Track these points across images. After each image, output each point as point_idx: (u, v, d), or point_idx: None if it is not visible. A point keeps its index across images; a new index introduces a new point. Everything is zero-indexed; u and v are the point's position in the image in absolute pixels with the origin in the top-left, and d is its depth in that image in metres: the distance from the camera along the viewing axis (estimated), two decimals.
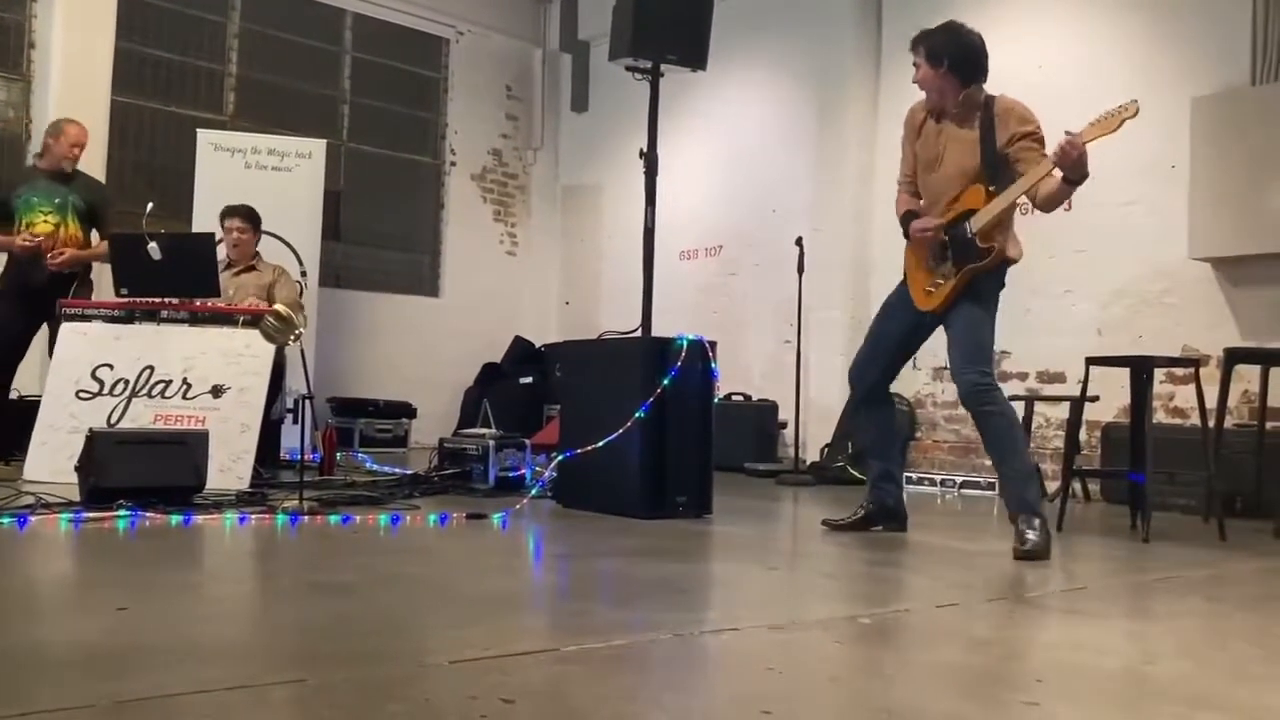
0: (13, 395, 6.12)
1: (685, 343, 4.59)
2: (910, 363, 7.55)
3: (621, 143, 9.21)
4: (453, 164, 10.38)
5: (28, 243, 5.73)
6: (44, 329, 5.94)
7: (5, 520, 3.66)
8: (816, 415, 7.70)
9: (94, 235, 6.02)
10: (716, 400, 4.79)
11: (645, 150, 5.18)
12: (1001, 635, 2.52)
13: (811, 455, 7.60)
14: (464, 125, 10.43)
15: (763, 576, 3.34)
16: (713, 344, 4.77)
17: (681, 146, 8.73)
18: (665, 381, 4.49)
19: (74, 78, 7.95)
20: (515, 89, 10.79)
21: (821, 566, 3.64)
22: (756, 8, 8.74)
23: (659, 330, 5.22)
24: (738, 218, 8.75)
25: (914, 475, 6.87)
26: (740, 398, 8.01)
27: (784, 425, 7.87)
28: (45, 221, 5.83)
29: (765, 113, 8.83)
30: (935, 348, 7.39)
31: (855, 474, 6.94)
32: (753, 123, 8.90)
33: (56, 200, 5.86)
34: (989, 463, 7.00)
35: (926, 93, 4.17)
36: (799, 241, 7.19)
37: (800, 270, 7.15)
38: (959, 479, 6.58)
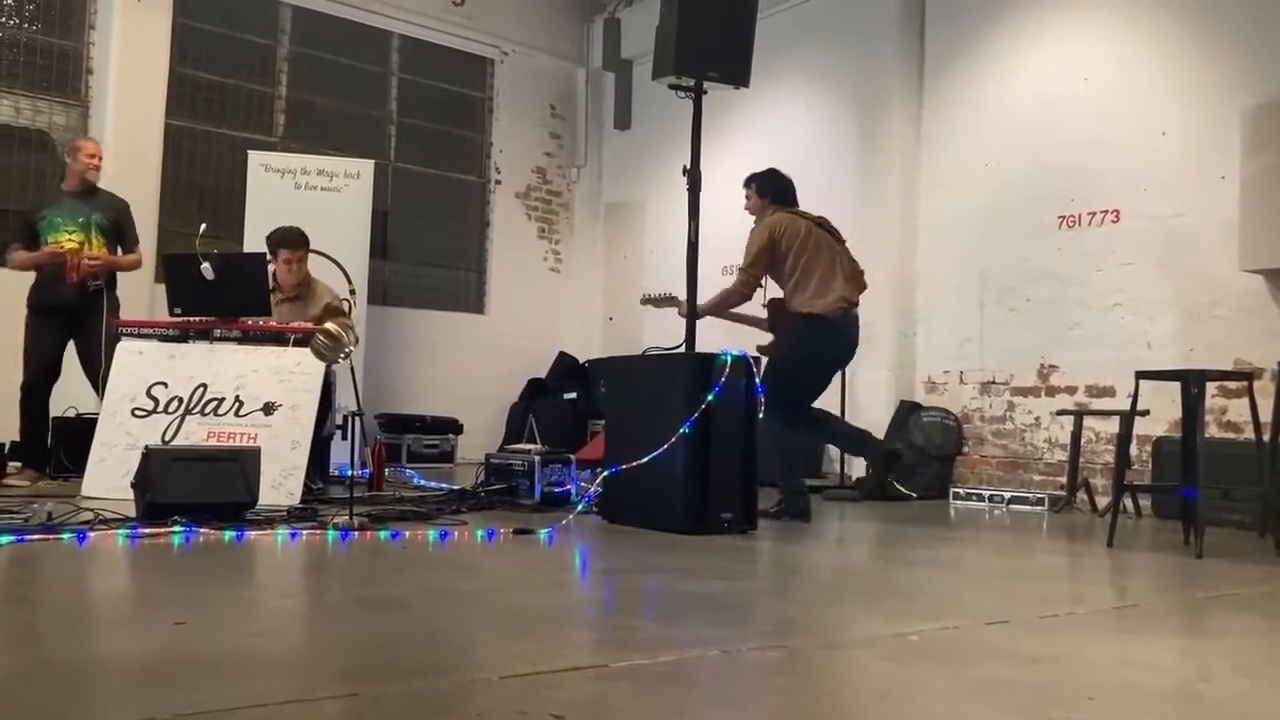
0: (70, 414, 6.26)
1: (729, 358, 4.60)
2: (958, 376, 7.56)
3: (664, 159, 9.25)
4: (498, 182, 10.48)
5: (55, 252, 5.82)
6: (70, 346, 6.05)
7: (66, 536, 3.75)
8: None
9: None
10: (761, 415, 4.79)
11: (688, 166, 5.20)
12: (1052, 652, 2.50)
13: (858, 471, 7.56)
14: (509, 144, 10.53)
15: (810, 592, 3.33)
16: (756, 359, 4.77)
17: (724, 162, 8.73)
18: (709, 397, 4.49)
19: (129, 102, 8.14)
20: (559, 108, 10.88)
21: (869, 583, 3.63)
22: (798, 23, 8.75)
23: (702, 346, 5.23)
24: None
25: (961, 490, 6.82)
26: None
27: None
28: (70, 240, 5.92)
29: (807, 127, 8.83)
30: (983, 362, 7.41)
31: (901, 489, 6.89)
32: (795, 137, 8.90)
33: (80, 219, 5.96)
34: (1039, 478, 6.96)
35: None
36: None
37: None
38: (1007, 494, 6.51)
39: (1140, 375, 4.69)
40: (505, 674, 2.07)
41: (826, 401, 7.54)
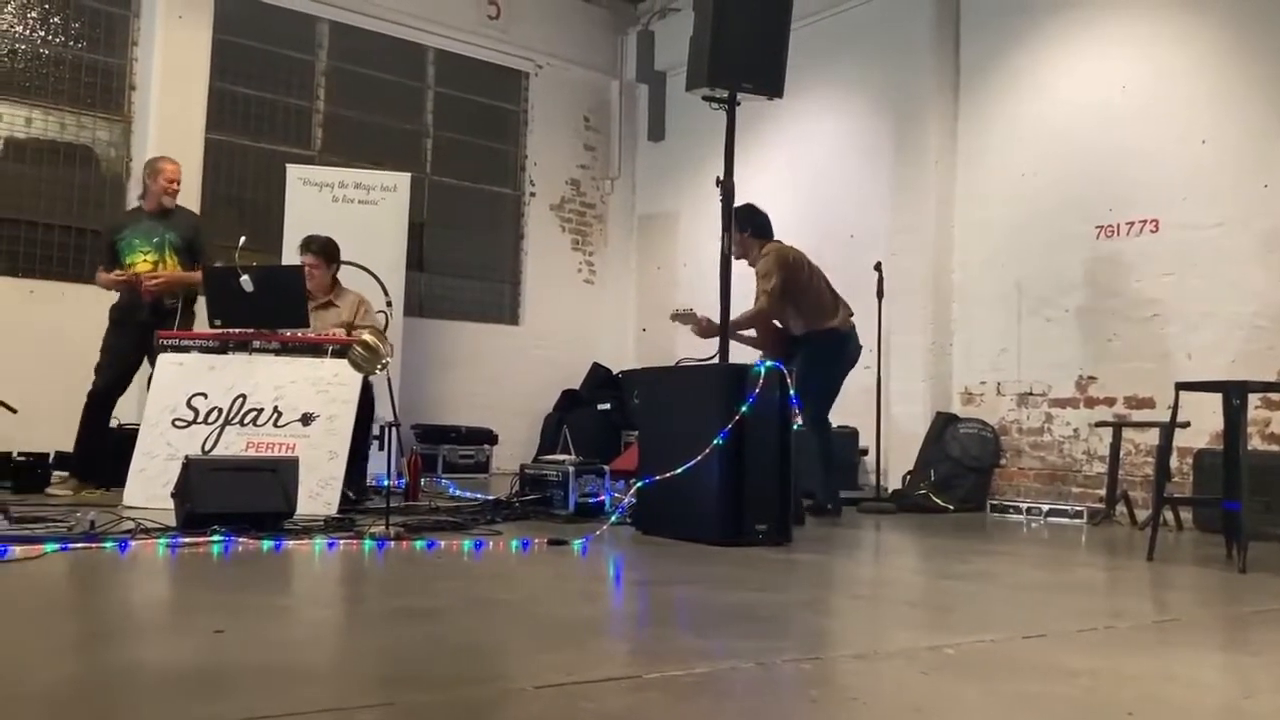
0: (112, 424, 6.36)
1: (763, 370, 4.59)
2: (995, 388, 7.50)
3: (698, 171, 9.27)
4: (532, 194, 10.54)
5: (120, 276, 5.98)
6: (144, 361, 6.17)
7: (108, 544, 3.80)
8: (898, 442, 7.62)
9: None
10: (796, 427, 4.77)
11: (721, 178, 5.21)
12: (1091, 666, 2.47)
13: (893, 483, 7.52)
14: (543, 156, 10.59)
15: (845, 605, 3.31)
16: (791, 371, 4.76)
17: (758, 173, 8.74)
18: (743, 408, 4.49)
19: (171, 117, 8.27)
20: (593, 120, 10.93)
21: (905, 595, 3.61)
22: (832, 34, 8.75)
23: (736, 357, 5.22)
24: (815, 243, 8.64)
25: (999, 502, 6.76)
26: None
27: (865, 452, 7.80)
28: (144, 260, 6.08)
29: (842, 138, 8.82)
30: (1020, 373, 7.34)
31: (938, 501, 6.86)
32: (830, 148, 8.89)
33: (154, 239, 6.11)
34: (1077, 490, 6.88)
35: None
36: (878, 267, 7.14)
37: (879, 296, 7.10)
38: (1045, 507, 6.45)
39: (1180, 386, 4.64)
40: (539, 684, 2.07)
41: (864, 411, 7.54)
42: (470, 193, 10.27)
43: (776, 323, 6.10)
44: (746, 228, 5.90)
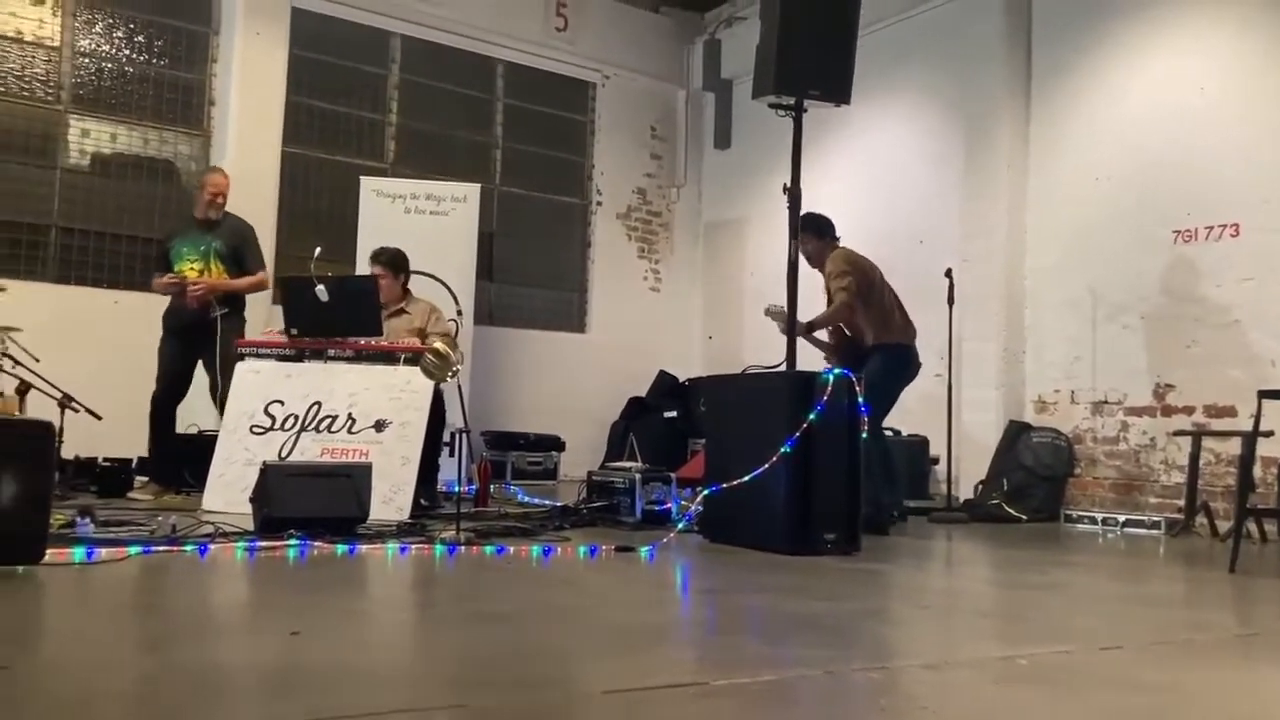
0: (192, 430, 6.53)
1: (831, 377, 4.57)
2: (1069, 396, 7.37)
3: (764, 178, 9.26)
4: (599, 203, 10.61)
5: (171, 279, 6.11)
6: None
7: (188, 548, 3.90)
8: (970, 451, 7.52)
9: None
10: (865, 436, 4.74)
11: (788, 185, 5.20)
12: (1168, 680, 2.42)
13: (965, 492, 7.42)
14: (610, 166, 10.66)
15: (915, 615, 3.28)
16: (859, 378, 4.72)
17: (825, 179, 8.70)
18: (811, 416, 4.47)
19: (248, 131, 8.48)
20: (659, 129, 10.97)
21: (976, 605, 3.56)
22: (901, 39, 8.68)
23: (804, 365, 5.20)
24: (884, 249, 8.57)
25: (1073, 513, 6.63)
26: (890, 433, 7.87)
27: (935, 461, 7.70)
28: (191, 267, 6.19)
29: (911, 143, 8.74)
30: (1095, 381, 7.20)
31: (1011, 511, 6.76)
32: (898, 154, 8.82)
33: (201, 248, 6.22)
34: (1155, 500, 6.73)
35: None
36: (948, 273, 7.06)
37: (950, 302, 7.02)
38: (1122, 517, 6.31)
39: (1264, 395, 4.52)
40: (608, 689, 2.09)
41: (935, 419, 7.45)
42: (538, 202, 10.37)
43: (848, 331, 6.05)
44: (807, 230, 5.84)
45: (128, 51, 8.36)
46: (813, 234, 5.86)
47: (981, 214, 7.88)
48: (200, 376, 6.23)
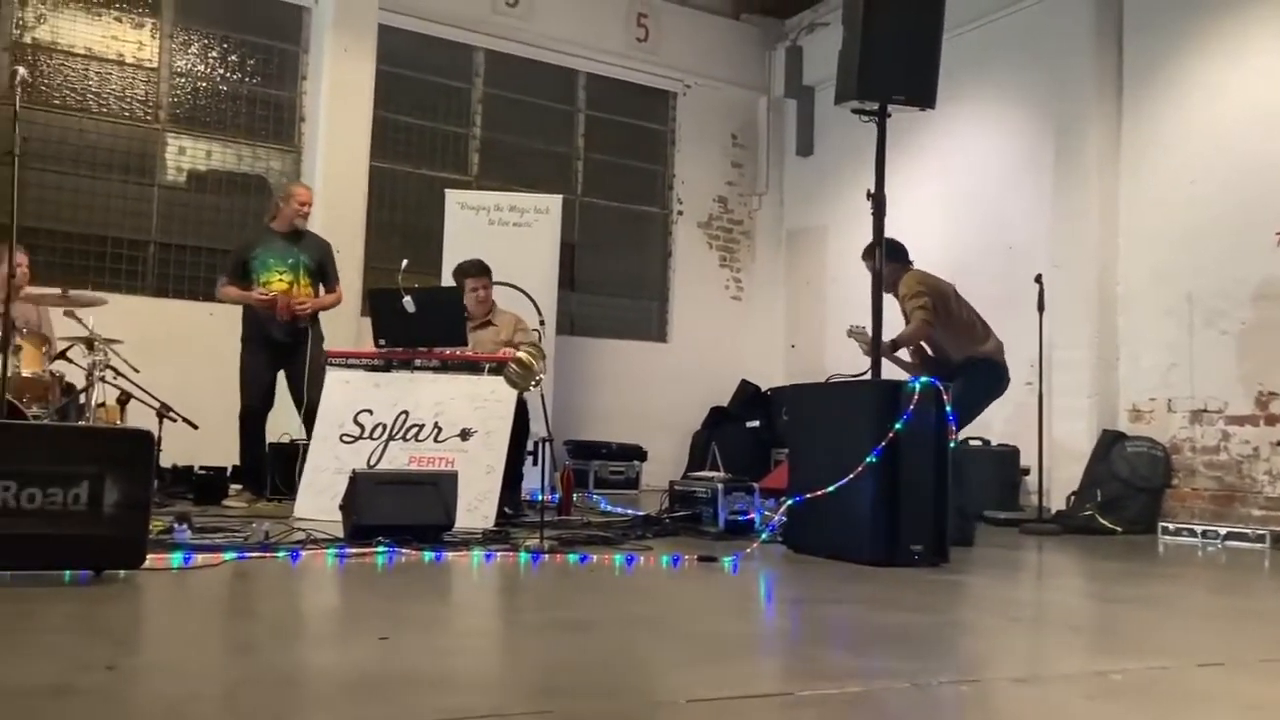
0: (283, 439, 6.69)
1: (918, 386, 4.50)
2: (1165, 404, 7.16)
3: (847, 185, 9.17)
4: (680, 213, 10.62)
5: (264, 297, 6.25)
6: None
7: (280, 554, 4.00)
8: (1062, 461, 7.33)
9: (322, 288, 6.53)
10: (953, 445, 4.66)
11: (872, 191, 5.14)
12: (1273, 697, 2.33)
13: (1056, 503, 7.24)
14: (690, 175, 10.66)
15: (1005, 627, 3.21)
16: (947, 387, 4.65)
17: (910, 185, 8.59)
18: (897, 426, 4.41)
19: (337, 146, 8.68)
20: (740, 137, 10.95)
21: (1069, 619, 3.48)
22: (985, 42, 8.53)
23: (889, 374, 5.14)
24: (971, 256, 8.50)
25: (1171, 525, 6.43)
26: (979, 442, 7.73)
27: (1026, 471, 7.53)
28: (280, 279, 6.32)
29: (998, 146, 8.59)
30: (1193, 389, 6.98)
31: (1105, 522, 6.59)
32: (985, 157, 8.67)
33: (289, 260, 6.36)
34: (1258, 513, 6.49)
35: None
36: (1038, 279, 6.90)
37: (1040, 309, 6.86)
38: (1223, 530, 6.10)
39: None
40: (691, 698, 2.09)
41: (1025, 429, 7.30)
42: (619, 212, 10.42)
43: (930, 351, 5.94)
44: (895, 257, 5.77)
45: (221, 70, 8.63)
46: (888, 259, 5.77)
47: (1072, 218, 7.70)
48: (282, 384, 6.38)
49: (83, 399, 5.79)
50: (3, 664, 2.17)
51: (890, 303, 5.35)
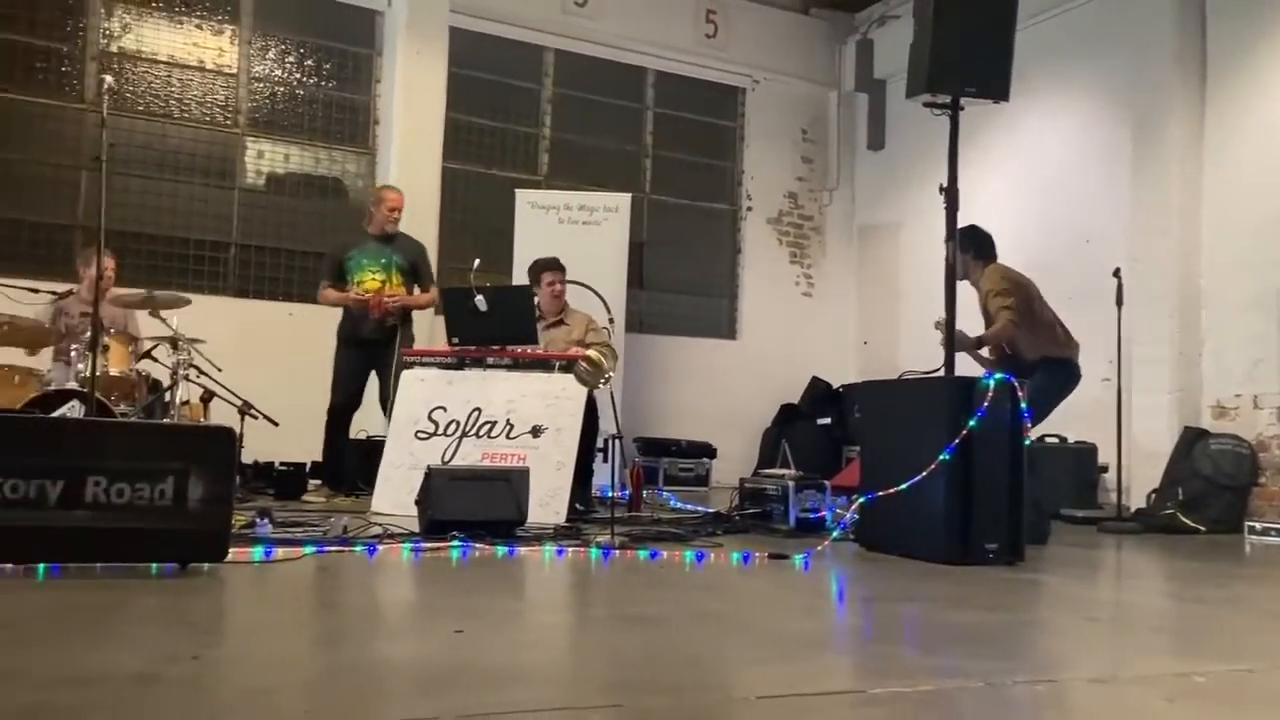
0: (361, 436, 6.82)
1: (992, 383, 4.44)
2: (1251, 401, 6.96)
3: (920, 179, 9.06)
4: (749, 209, 10.59)
5: (360, 297, 6.42)
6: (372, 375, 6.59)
7: (358, 548, 4.08)
8: (1141, 458, 7.17)
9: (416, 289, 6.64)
10: (1029, 443, 4.58)
11: (945, 185, 5.07)
12: None
13: (1136, 501, 7.08)
14: (760, 171, 10.62)
15: (1082, 627, 3.16)
16: (1022, 383, 4.58)
17: (984, 178, 8.46)
18: (971, 423, 4.35)
19: (410, 148, 8.81)
20: (810, 132, 10.87)
21: (1149, 619, 3.41)
22: (1061, 31, 8.37)
23: (962, 370, 5.07)
24: (1047, 249, 8.33)
25: (1258, 525, 6.25)
26: (1055, 440, 7.59)
27: (1104, 469, 7.38)
28: (373, 279, 6.50)
29: (1074, 137, 8.42)
30: None
31: (1187, 521, 6.43)
32: (1061, 149, 8.51)
33: (382, 260, 6.53)
34: None
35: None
36: (1116, 273, 6.75)
37: (1119, 303, 6.71)
38: None
39: None
40: (762, 694, 2.09)
41: (1103, 426, 7.14)
42: (688, 210, 10.42)
43: (1007, 349, 5.84)
44: (970, 249, 5.70)
45: (298, 75, 8.81)
46: (973, 250, 5.70)
47: (1152, 210, 7.52)
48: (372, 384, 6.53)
49: (167, 397, 5.96)
50: (94, 652, 2.25)
51: (967, 295, 5.27)
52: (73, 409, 5.26)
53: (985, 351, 5.87)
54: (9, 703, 1.82)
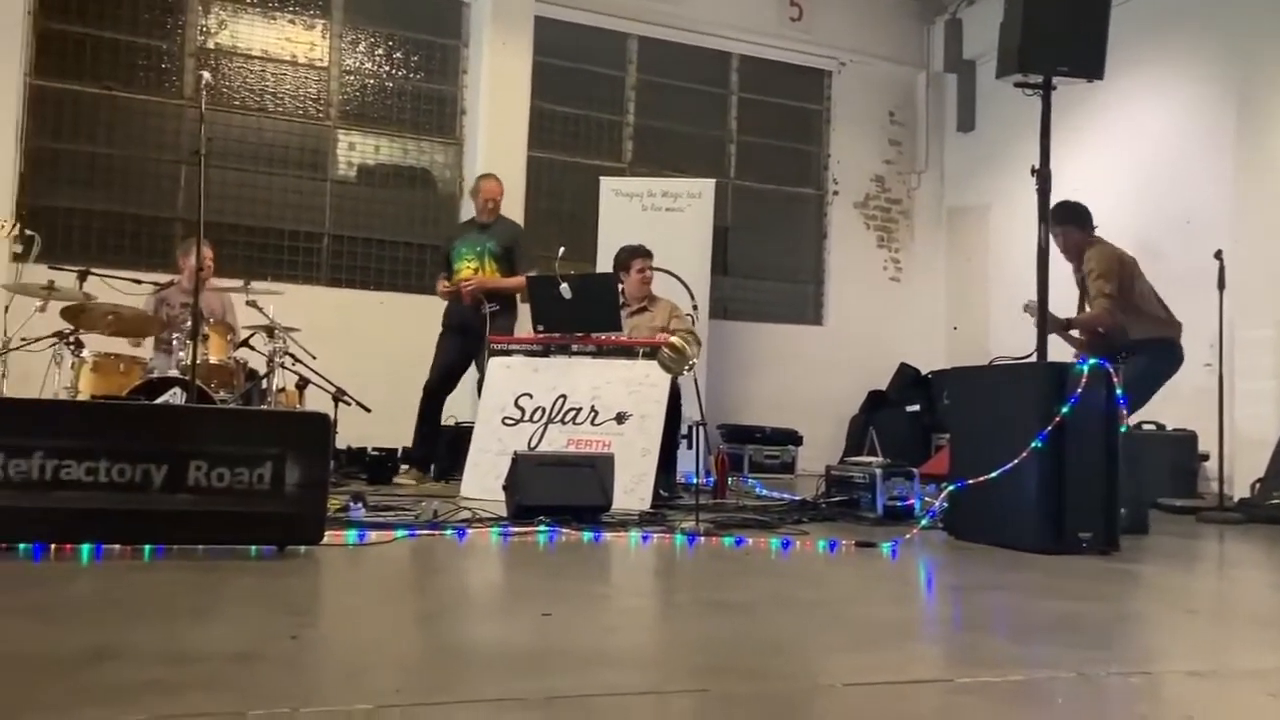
0: (449, 422, 6.94)
1: (1086, 368, 4.34)
2: None
3: (1011, 161, 8.85)
4: (835, 193, 10.47)
5: (446, 288, 6.62)
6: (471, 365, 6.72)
7: (448, 532, 4.16)
8: (1244, 446, 6.93)
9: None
10: (1124, 429, 4.46)
11: (1037, 167, 4.96)
12: None
13: (1240, 491, 6.85)
14: (846, 154, 10.50)
15: (1180, 620, 3.08)
16: (1117, 369, 4.46)
17: (1077, 160, 8.23)
18: (1064, 409, 4.25)
19: (497, 138, 8.91)
20: (898, 114, 10.71)
21: (1253, 611, 3.30)
22: (1158, 7, 8.09)
23: (1055, 355, 4.96)
24: (1145, 231, 8.07)
25: None
26: (1152, 427, 7.38)
27: (1205, 458, 7.15)
28: (468, 266, 6.68)
29: (1174, 116, 8.15)
30: None
31: None
32: (1158, 129, 8.24)
33: (477, 248, 6.71)
34: None
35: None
36: (1218, 255, 6.52)
37: (1221, 286, 6.48)
38: None
39: None
40: (849, 681, 2.08)
41: (1204, 413, 6.92)
42: (772, 195, 10.35)
43: (1101, 329, 5.70)
44: (1070, 221, 5.59)
45: (387, 68, 8.96)
46: (1074, 225, 5.59)
47: (1257, 190, 7.25)
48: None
49: (264, 384, 6.14)
50: (196, 631, 2.34)
51: (1057, 278, 5.14)
52: (174, 396, 5.44)
53: (1075, 332, 5.73)
54: (118, 678, 1.90)
